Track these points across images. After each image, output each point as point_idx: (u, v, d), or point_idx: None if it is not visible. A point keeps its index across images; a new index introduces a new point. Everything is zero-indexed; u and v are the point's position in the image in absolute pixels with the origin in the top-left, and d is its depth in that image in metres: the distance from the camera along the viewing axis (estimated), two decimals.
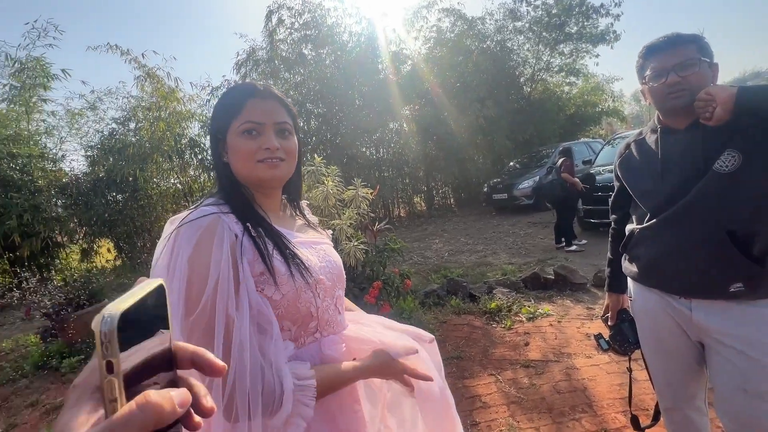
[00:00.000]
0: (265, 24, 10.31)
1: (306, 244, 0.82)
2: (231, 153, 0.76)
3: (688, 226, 1.08)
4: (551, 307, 3.43)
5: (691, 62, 1.06)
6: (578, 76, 14.06)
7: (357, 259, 2.74)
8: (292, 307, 0.72)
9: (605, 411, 2.01)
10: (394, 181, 11.49)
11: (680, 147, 1.12)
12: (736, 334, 1.07)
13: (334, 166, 3.06)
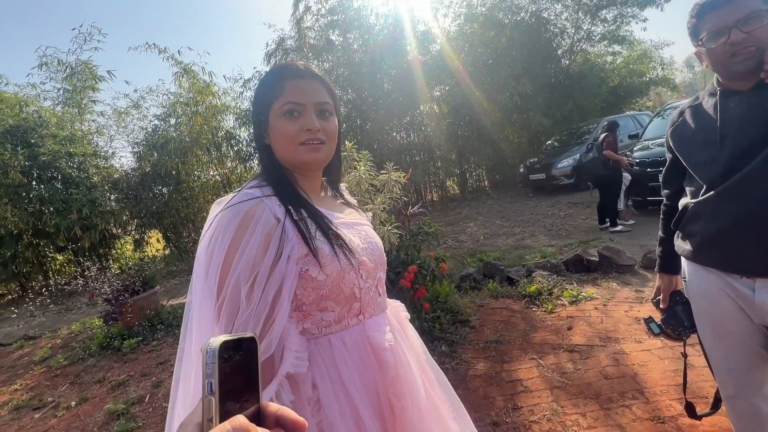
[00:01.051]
0: (292, 12, 10.32)
1: (347, 225, 0.81)
2: (273, 135, 0.76)
3: (750, 198, 0.98)
4: (596, 290, 3.27)
5: (756, 15, 0.94)
6: (623, 44, 12.97)
7: (391, 243, 2.73)
8: (336, 288, 0.72)
9: (658, 398, 1.90)
10: (425, 165, 11.32)
11: (743, 111, 1.01)
12: None
13: (365, 151, 3.04)
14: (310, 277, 0.70)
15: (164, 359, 3.39)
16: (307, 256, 0.69)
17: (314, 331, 0.73)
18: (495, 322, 3.00)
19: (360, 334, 0.76)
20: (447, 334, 2.84)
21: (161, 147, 8.19)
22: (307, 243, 0.69)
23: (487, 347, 2.65)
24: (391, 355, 0.75)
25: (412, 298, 2.80)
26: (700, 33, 1.03)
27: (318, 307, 0.72)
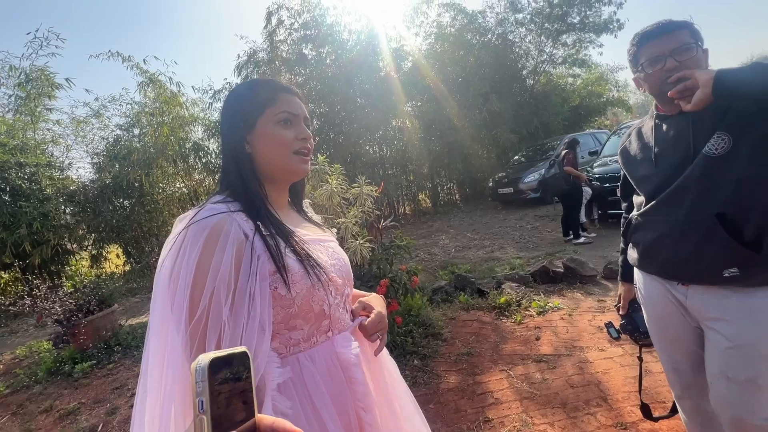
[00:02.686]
0: (265, 25, 10.32)
1: (315, 241, 0.81)
2: (262, 142, 0.75)
3: (679, 210, 1.08)
4: (561, 300, 3.39)
5: (687, 46, 1.05)
6: (582, 67, 13.85)
7: (363, 257, 2.72)
8: (305, 306, 0.71)
9: (621, 404, 1.97)
10: (398, 178, 11.46)
11: (673, 132, 1.12)
12: (725, 320, 1.06)
13: (338, 165, 3.05)
14: (278, 295, 0.68)
15: (121, 383, 3.18)
16: (276, 273, 0.68)
17: (282, 351, 0.71)
18: (466, 334, 3.03)
19: (329, 351, 0.75)
20: (419, 348, 2.83)
21: (124, 158, 7.84)
22: (276, 260, 0.68)
23: (459, 360, 2.67)
24: (359, 370, 0.75)
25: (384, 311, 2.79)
26: (639, 60, 1.12)
27: (286, 325, 0.71)
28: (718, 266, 1.04)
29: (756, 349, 1.03)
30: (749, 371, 1.04)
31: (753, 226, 1.00)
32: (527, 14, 12.52)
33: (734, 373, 1.06)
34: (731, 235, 1.01)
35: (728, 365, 1.07)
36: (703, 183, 1.04)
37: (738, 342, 1.04)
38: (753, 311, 1.03)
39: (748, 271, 1.01)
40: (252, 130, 0.75)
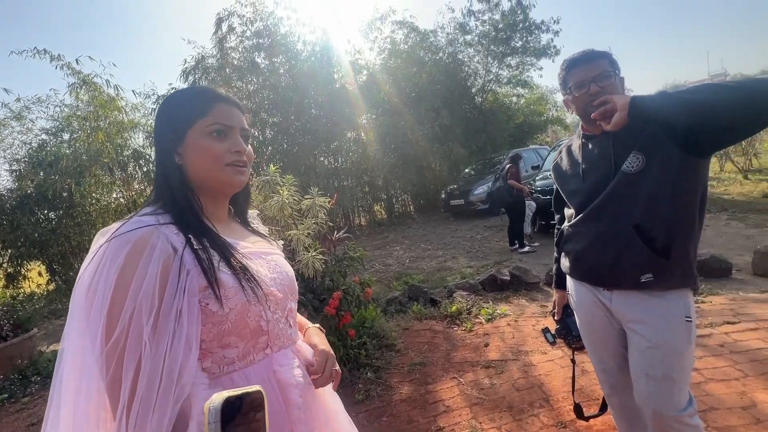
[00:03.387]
0: (214, 31, 9.98)
1: (256, 254, 0.78)
2: (193, 154, 0.72)
3: (602, 221, 1.20)
4: (508, 307, 3.55)
5: (607, 74, 1.17)
6: (525, 87, 14.90)
7: (316, 269, 2.67)
8: (240, 322, 0.68)
9: (561, 404, 2.09)
10: (353, 189, 11.46)
11: (597, 150, 1.24)
12: (644, 322, 1.17)
13: (290, 176, 2.99)
14: (210, 311, 0.65)
15: (39, 418, 2.82)
16: (207, 289, 0.65)
17: (215, 371, 0.68)
18: (419, 344, 3.06)
19: (266, 369, 0.72)
20: (373, 360, 2.82)
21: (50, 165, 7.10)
22: (207, 275, 0.65)
23: (412, 370, 2.69)
24: (297, 392, 0.72)
25: (337, 325, 2.75)
26: (568, 84, 1.24)
27: (219, 343, 0.67)
28: (636, 272, 1.15)
29: (670, 347, 1.15)
30: (665, 368, 1.15)
31: (663, 236, 1.12)
32: (475, 36, 13.29)
33: (653, 371, 1.17)
34: (646, 244, 1.12)
35: (648, 363, 1.18)
36: (622, 197, 1.16)
37: (655, 342, 1.16)
38: (665, 312, 1.15)
39: (660, 276, 1.13)
40: (182, 141, 0.72)
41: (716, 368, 2.16)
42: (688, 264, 1.14)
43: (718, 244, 4.52)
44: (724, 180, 8.69)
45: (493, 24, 12.94)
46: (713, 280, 3.45)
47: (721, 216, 5.84)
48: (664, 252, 1.12)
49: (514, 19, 12.66)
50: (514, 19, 12.66)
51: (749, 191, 7.20)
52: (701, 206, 1.14)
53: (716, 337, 2.47)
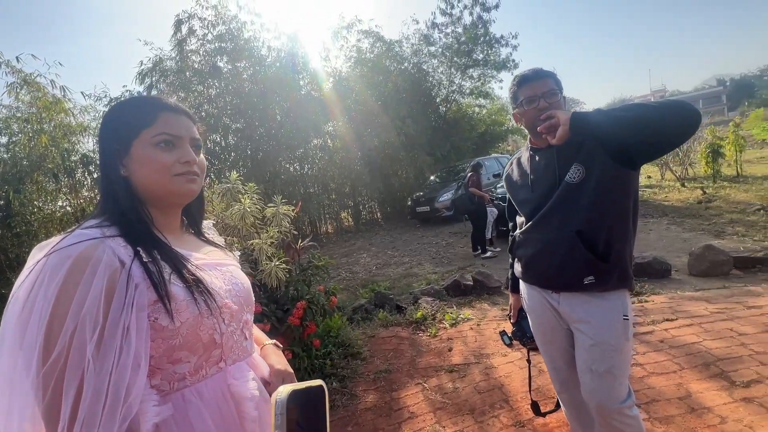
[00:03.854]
0: (173, 33, 9.63)
1: (209, 266, 0.77)
2: (139, 165, 0.70)
3: (549, 229, 1.30)
4: (471, 311, 3.65)
5: (553, 92, 1.27)
6: (486, 98, 15.50)
7: (279, 279, 2.63)
8: (192, 336, 0.67)
9: (519, 404, 2.17)
10: (320, 197, 11.37)
11: (543, 162, 1.34)
12: (588, 321, 1.27)
13: (252, 183, 2.93)
14: (159, 326, 0.63)
15: None
16: (157, 302, 0.63)
17: (165, 387, 0.66)
18: (385, 351, 3.08)
19: (220, 383, 0.71)
20: (338, 370, 2.80)
21: None
22: (158, 288, 0.63)
23: (378, 378, 2.69)
24: (253, 405, 0.71)
25: (301, 335, 2.71)
26: (519, 98, 1.32)
27: (169, 359, 0.66)
28: (580, 275, 1.24)
29: (610, 344, 1.24)
30: (607, 363, 1.25)
31: (602, 241, 1.23)
32: (439, 47, 13.69)
33: (596, 366, 1.26)
34: (588, 248, 1.22)
35: (592, 360, 1.27)
36: (566, 206, 1.25)
37: (597, 339, 1.25)
38: (605, 312, 1.25)
39: (601, 278, 1.24)
40: (127, 152, 0.70)
41: (657, 362, 2.33)
42: (624, 266, 1.25)
43: (660, 247, 4.90)
44: (664, 187, 9.43)
45: (455, 37, 13.41)
46: (655, 281, 3.73)
47: (662, 221, 6.34)
48: (603, 256, 1.22)
49: (475, 33, 13.18)
50: (476, 32, 13.19)
51: (686, 198, 7.87)
52: (634, 214, 1.26)
53: (657, 333, 2.67)
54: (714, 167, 9.38)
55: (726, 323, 2.67)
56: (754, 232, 5.01)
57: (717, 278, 3.62)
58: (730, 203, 6.78)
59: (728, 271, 3.68)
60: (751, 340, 2.41)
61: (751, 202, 6.49)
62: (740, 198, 7.05)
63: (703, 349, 2.40)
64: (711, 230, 5.41)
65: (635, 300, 3.29)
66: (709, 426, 1.77)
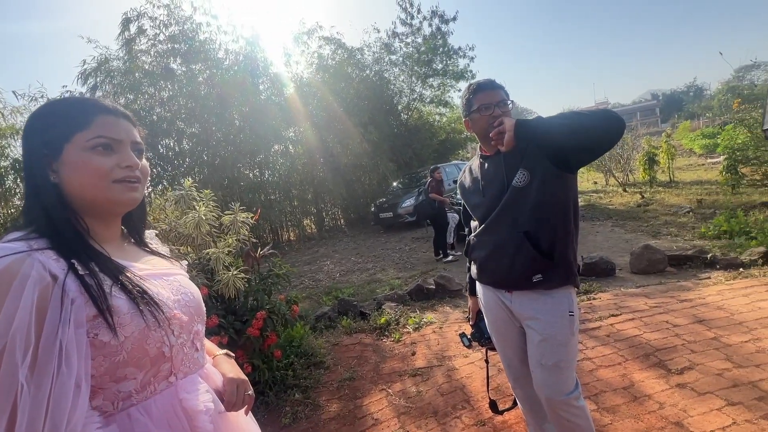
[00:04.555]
0: (121, 32, 9.08)
1: (154, 275, 0.73)
2: (72, 171, 0.65)
3: (499, 231, 1.37)
4: (434, 315, 3.71)
5: (505, 102, 1.36)
6: (446, 107, 15.96)
7: (237, 289, 2.54)
8: (138, 350, 0.63)
9: (480, 403, 2.23)
10: (281, 204, 11.11)
11: (492, 169, 1.41)
12: (536, 317, 1.35)
13: (208, 190, 2.82)
14: (100, 342, 0.59)
15: None
16: (97, 317, 0.59)
17: (108, 408, 0.62)
18: (348, 358, 3.05)
19: (170, 399, 0.68)
20: (301, 380, 2.73)
21: None
22: (97, 302, 0.59)
23: (341, 386, 2.66)
24: (207, 419, 0.68)
25: (262, 347, 2.62)
26: (473, 105, 1.39)
27: (113, 377, 0.62)
28: (528, 273, 1.32)
29: (557, 339, 1.32)
30: (554, 357, 1.32)
31: (547, 241, 1.31)
32: (400, 56, 13.96)
33: (545, 360, 1.33)
34: (534, 248, 1.30)
35: (541, 354, 1.34)
36: (514, 208, 1.33)
37: (545, 335, 1.33)
38: (553, 308, 1.33)
39: (547, 276, 1.32)
40: (57, 157, 0.65)
41: (604, 356, 2.50)
42: (568, 264, 1.34)
43: (605, 248, 5.26)
44: (609, 192, 10.16)
45: (416, 46, 13.74)
46: (602, 279, 4.00)
47: (607, 223, 6.82)
48: (548, 254, 1.31)
49: (434, 44, 13.59)
50: (435, 43, 13.59)
51: (627, 202, 8.52)
52: (575, 215, 1.35)
53: (604, 328, 2.86)
54: (650, 174, 10.24)
55: (662, 316, 2.91)
56: (684, 232, 5.52)
57: (654, 275, 3.94)
58: (665, 206, 7.43)
59: (664, 269, 4.02)
60: (683, 331, 2.64)
61: (682, 205, 7.15)
62: (673, 201, 7.74)
63: (644, 341, 2.60)
64: (649, 231, 5.89)
65: (585, 298, 3.50)
66: (649, 412, 1.92)
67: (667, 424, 1.82)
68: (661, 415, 1.88)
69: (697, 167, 12.48)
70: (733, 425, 1.74)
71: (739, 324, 2.62)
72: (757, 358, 2.22)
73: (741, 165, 7.87)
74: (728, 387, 2.01)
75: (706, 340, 2.48)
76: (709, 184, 9.12)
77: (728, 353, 2.31)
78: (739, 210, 5.64)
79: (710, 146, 14.97)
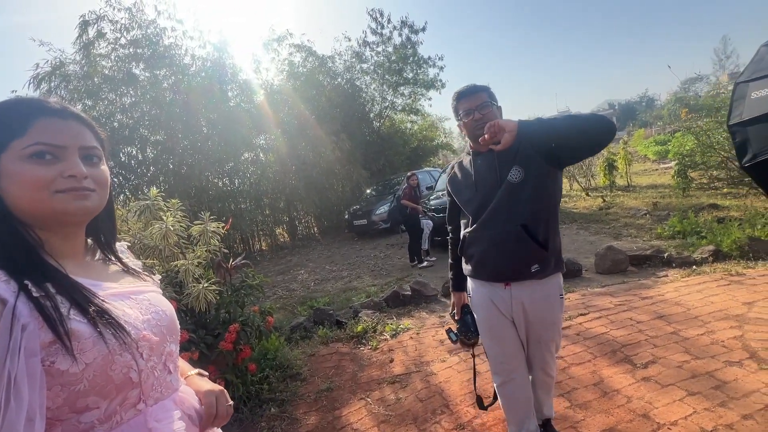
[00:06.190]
0: (78, 35, 8.64)
1: (123, 295, 0.68)
2: (9, 182, 0.59)
3: (497, 225, 1.46)
4: (410, 321, 3.72)
5: (486, 104, 1.45)
6: (417, 115, 16.24)
7: (209, 302, 2.44)
8: (101, 377, 0.58)
9: (459, 407, 2.25)
10: (252, 213, 10.83)
11: (485, 165, 1.50)
12: (535, 302, 1.49)
13: (175, 200, 2.71)
14: (57, 371, 0.54)
15: None
16: (54, 343, 0.54)
17: None
18: (326, 369, 3.00)
19: (139, 428, 0.62)
20: (277, 394, 2.66)
21: None
22: (54, 327, 0.54)
23: (319, 398, 2.61)
24: None
25: (235, 361, 2.53)
26: (458, 112, 1.50)
27: (73, 408, 0.56)
28: (528, 263, 1.44)
29: (551, 319, 1.50)
30: (549, 334, 1.54)
31: (542, 232, 1.43)
32: (371, 65, 14.09)
33: (543, 338, 1.54)
34: (532, 239, 1.41)
35: (539, 333, 1.52)
36: (511, 203, 1.43)
37: (542, 316, 1.49)
38: (547, 294, 1.49)
39: (543, 264, 1.45)
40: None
41: (575, 354, 2.59)
42: (558, 253, 1.49)
43: (572, 250, 5.48)
44: (572, 197, 10.61)
45: (386, 56, 13.92)
46: (569, 280, 4.15)
47: (572, 226, 7.11)
48: (544, 245, 1.43)
49: (405, 53, 13.82)
50: (405, 52, 13.83)
51: (590, 205, 8.94)
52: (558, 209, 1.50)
53: (574, 327, 2.97)
54: (610, 179, 10.80)
55: (626, 313, 3.06)
56: (643, 233, 5.85)
57: (618, 274, 4.15)
58: (624, 209, 7.85)
59: (626, 268, 4.24)
60: (646, 327, 2.78)
61: (640, 208, 7.58)
62: (631, 204, 8.19)
63: (611, 338, 2.72)
64: (611, 233, 6.20)
65: None
66: (618, 406, 2.00)
67: (635, 417, 1.90)
68: (629, 409, 1.97)
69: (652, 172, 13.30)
70: (694, 414, 1.85)
71: (695, 318, 2.80)
72: (712, 349, 2.37)
73: (690, 170, 8.47)
74: (688, 378, 2.13)
75: (666, 335, 2.63)
76: (663, 187, 9.73)
77: (686, 346, 2.45)
78: (690, 211, 6.05)
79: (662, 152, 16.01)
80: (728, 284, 3.33)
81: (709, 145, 7.86)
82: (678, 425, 1.80)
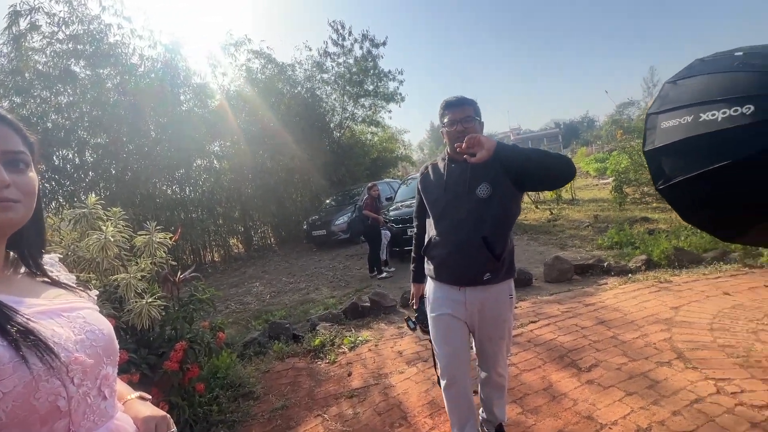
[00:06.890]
0: (8, 26, 7.86)
1: (53, 312, 0.61)
2: None
3: (461, 234, 1.56)
4: (369, 332, 3.69)
5: (470, 118, 1.56)
6: (377, 127, 16.42)
7: (153, 318, 2.27)
8: (22, 408, 0.51)
9: (417, 418, 2.25)
10: (204, 222, 10.30)
11: (457, 172, 1.61)
12: (485, 304, 1.61)
13: (117, 208, 2.52)
14: None
15: None
16: None
17: None
18: (281, 385, 2.88)
19: None
20: (227, 415, 2.51)
21: None
22: None
23: (273, 417, 2.50)
24: None
25: (181, 381, 2.36)
26: (444, 119, 1.60)
27: None
28: (482, 272, 1.55)
29: (502, 317, 1.61)
30: (500, 332, 1.65)
31: (499, 245, 1.54)
32: (332, 75, 14.10)
33: (495, 335, 1.64)
34: (489, 251, 1.52)
35: (490, 331, 1.62)
36: (476, 216, 1.53)
37: (491, 316, 1.59)
38: (498, 296, 1.60)
39: (494, 273, 1.56)
40: None
41: (526, 360, 2.70)
42: (511, 264, 1.62)
43: (523, 260, 5.76)
44: (523, 209, 11.19)
45: (347, 67, 14.01)
46: (520, 289, 4.35)
47: (523, 237, 7.48)
48: (498, 257, 1.54)
49: (365, 65, 13.99)
50: (366, 65, 14.01)
51: (539, 217, 9.47)
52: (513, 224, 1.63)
53: (525, 335, 3.10)
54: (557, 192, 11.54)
55: (572, 320, 3.25)
56: (586, 243, 6.28)
57: (564, 283, 4.41)
58: (569, 221, 8.40)
59: (571, 277, 4.51)
60: (589, 332, 2.97)
61: (583, 220, 8.15)
62: (576, 217, 8.79)
63: (558, 344, 2.87)
64: (558, 243, 6.59)
65: None
66: (566, 409, 2.11)
67: (580, 419, 2.01)
68: (576, 411, 2.08)
69: (593, 187, 14.39)
70: (631, 413, 1.99)
71: (631, 323, 3.04)
72: (646, 351, 2.58)
73: (625, 185, 9.28)
74: (626, 379, 2.29)
75: (607, 339, 2.82)
76: (602, 201, 10.55)
77: (624, 349, 2.65)
78: (625, 224, 6.60)
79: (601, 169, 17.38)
80: (658, 290, 3.65)
81: (640, 163, 8.66)
82: (618, 425, 1.93)
